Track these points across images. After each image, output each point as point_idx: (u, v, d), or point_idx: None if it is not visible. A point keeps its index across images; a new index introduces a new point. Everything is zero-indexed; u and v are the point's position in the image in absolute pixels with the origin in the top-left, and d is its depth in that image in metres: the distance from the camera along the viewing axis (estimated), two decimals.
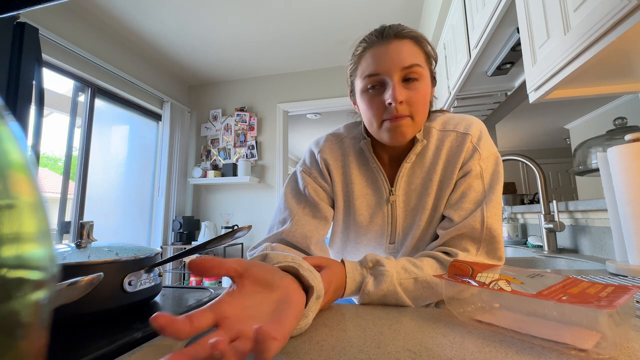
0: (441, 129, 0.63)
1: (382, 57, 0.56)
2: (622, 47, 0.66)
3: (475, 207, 0.57)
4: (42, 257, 0.14)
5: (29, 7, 0.44)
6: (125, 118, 2.93)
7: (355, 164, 0.66)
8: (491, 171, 0.59)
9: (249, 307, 0.31)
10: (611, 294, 0.31)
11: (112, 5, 2.30)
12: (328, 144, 0.68)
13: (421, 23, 2.54)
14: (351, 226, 0.67)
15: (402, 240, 0.66)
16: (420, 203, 0.63)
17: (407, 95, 0.55)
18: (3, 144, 0.13)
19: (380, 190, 0.65)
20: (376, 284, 0.49)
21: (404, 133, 0.56)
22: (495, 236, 0.56)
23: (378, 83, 0.57)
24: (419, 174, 0.63)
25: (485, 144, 0.60)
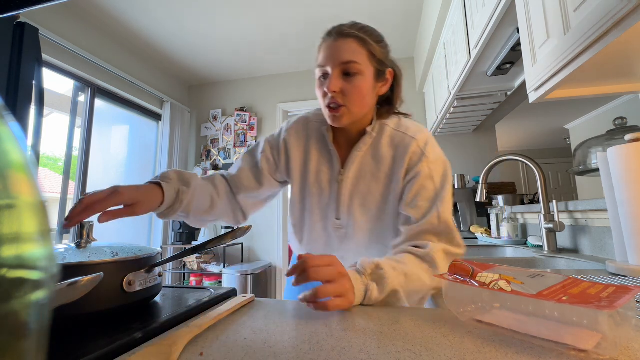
0: (395, 129, 0.72)
1: (327, 52, 0.65)
2: (622, 47, 0.66)
3: (429, 204, 0.65)
4: (42, 257, 0.14)
5: (29, 7, 0.44)
6: (125, 118, 2.93)
7: (316, 144, 0.76)
8: (441, 173, 0.67)
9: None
10: (612, 295, 0.31)
11: (112, 5, 2.30)
12: (295, 125, 0.78)
13: (421, 23, 2.54)
14: (307, 197, 0.76)
15: (348, 219, 0.72)
16: (367, 189, 0.71)
17: (343, 86, 0.64)
18: (3, 144, 0.13)
19: (333, 169, 0.74)
20: (380, 290, 0.51)
21: (339, 121, 0.67)
22: (450, 227, 0.65)
23: (324, 73, 0.66)
24: (370, 163, 0.71)
25: (432, 149, 0.68)
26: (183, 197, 0.64)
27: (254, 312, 0.48)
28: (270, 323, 0.43)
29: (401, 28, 2.63)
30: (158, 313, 0.46)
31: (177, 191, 0.64)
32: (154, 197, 0.60)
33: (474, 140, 2.76)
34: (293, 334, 0.39)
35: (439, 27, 1.99)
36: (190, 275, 3.04)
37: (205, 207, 0.71)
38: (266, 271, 3.00)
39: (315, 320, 0.43)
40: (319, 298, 0.41)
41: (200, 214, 0.70)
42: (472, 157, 2.74)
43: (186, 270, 3.07)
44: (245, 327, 0.41)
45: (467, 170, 2.67)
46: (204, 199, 0.70)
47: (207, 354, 0.34)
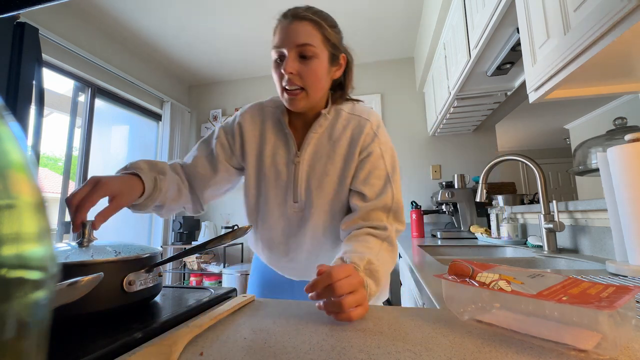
0: (350, 112, 0.74)
1: (283, 33, 0.65)
2: (622, 47, 0.66)
3: (382, 182, 0.69)
4: (42, 257, 0.14)
5: (29, 7, 0.44)
6: (125, 118, 2.93)
7: (272, 128, 0.76)
8: (390, 154, 0.72)
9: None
10: (612, 295, 0.31)
11: (112, 5, 2.30)
12: (250, 110, 0.79)
13: (421, 23, 2.54)
14: (262, 180, 0.76)
15: (306, 201, 0.73)
16: (324, 169, 0.72)
17: (299, 68, 0.65)
18: (3, 144, 0.13)
19: (290, 152, 0.74)
20: (375, 282, 0.53)
21: (297, 105, 0.68)
22: (400, 207, 0.70)
23: (280, 55, 0.66)
24: (326, 146, 0.73)
25: (382, 132, 0.73)
26: (161, 185, 0.64)
27: (254, 312, 0.48)
28: (270, 323, 0.43)
29: (401, 28, 2.63)
30: (158, 313, 0.46)
31: (155, 180, 0.63)
32: (135, 187, 0.59)
33: (474, 140, 2.76)
34: (293, 334, 0.39)
35: (439, 27, 1.99)
36: (190, 275, 3.04)
37: (175, 196, 0.71)
38: None
39: (315, 320, 0.43)
40: (343, 309, 0.41)
41: (171, 203, 0.70)
42: (472, 157, 2.74)
43: (186, 270, 3.07)
44: (245, 327, 0.41)
45: (467, 170, 2.67)
46: (173, 188, 0.70)
47: (207, 354, 0.34)
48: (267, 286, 0.87)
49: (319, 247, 0.76)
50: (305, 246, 0.76)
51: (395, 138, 2.91)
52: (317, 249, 0.77)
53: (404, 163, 2.86)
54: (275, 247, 0.79)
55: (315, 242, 0.75)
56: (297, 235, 0.76)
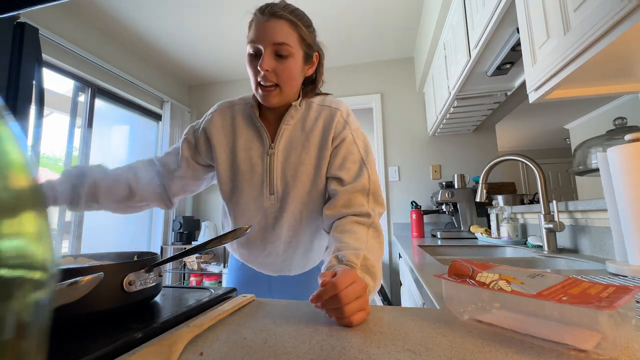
0: (320, 104, 0.77)
1: (260, 30, 0.66)
2: (622, 47, 0.66)
3: (357, 166, 0.71)
4: (42, 257, 0.14)
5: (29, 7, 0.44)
6: (125, 118, 2.93)
7: (243, 123, 0.77)
8: (362, 139, 0.75)
9: None
10: (612, 295, 0.31)
11: (112, 5, 2.30)
12: (219, 108, 0.80)
13: (421, 23, 2.54)
14: (237, 175, 0.76)
15: (282, 192, 0.74)
16: (299, 160, 0.73)
17: (275, 66, 0.66)
18: (3, 144, 0.13)
19: (264, 144, 0.75)
20: (372, 277, 0.55)
21: (270, 101, 0.69)
22: (378, 187, 0.72)
23: (256, 51, 0.67)
24: (299, 136, 0.74)
25: (352, 119, 0.76)
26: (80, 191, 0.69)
27: (254, 312, 0.48)
28: (270, 323, 0.43)
29: (401, 28, 2.63)
30: (158, 313, 0.46)
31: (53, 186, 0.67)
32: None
33: (474, 140, 2.76)
34: (293, 334, 0.39)
35: (439, 27, 1.99)
36: (190, 275, 3.04)
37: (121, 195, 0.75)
38: None
39: (315, 320, 0.43)
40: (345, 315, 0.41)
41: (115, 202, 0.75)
42: (472, 157, 2.74)
43: (186, 270, 3.07)
44: (245, 327, 0.42)
45: (467, 170, 2.67)
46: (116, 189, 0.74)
47: (207, 354, 0.34)
48: (244, 284, 0.88)
49: (297, 238, 0.77)
50: (283, 238, 0.77)
51: (395, 138, 2.91)
52: (295, 240, 0.77)
53: (404, 163, 2.86)
54: (252, 242, 0.79)
55: (293, 233, 0.77)
56: (274, 227, 0.76)
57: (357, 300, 0.43)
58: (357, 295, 0.43)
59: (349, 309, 0.42)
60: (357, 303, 0.43)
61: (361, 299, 0.44)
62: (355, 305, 0.42)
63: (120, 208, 0.77)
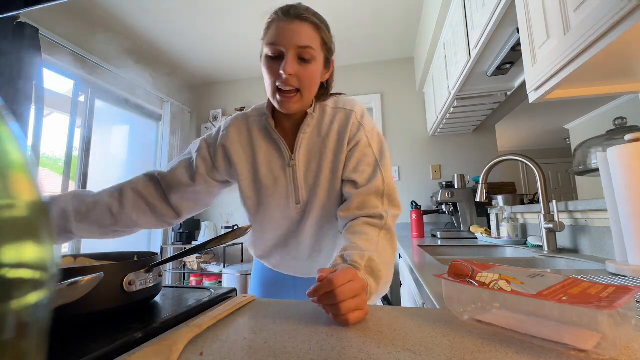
0: (334, 107, 0.76)
1: (283, 32, 0.63)
2: (622, 47, 0.66)
3: (372, 169, 0.70)
4: (42, 257, 0.14)
5: (29, 7, 0.44)
6: (125, 118, 2.93)
7: (261, 136, 0.76)
8: (377, 140, 0.74)
9: None
10: (612, 295, 0.31)
11: (113, 5, 2.30)
12: (234, 122, 0.78)
13: (421, 23, 2.54)
14: (261, 190, 0.75)
15: (307, 200, 0.74)
16: (318, 166, 0.73)
17: (298, 70, 0.64)
18: (3, 144, 0.13)
19: (283, 156, 0.74)
20: (376, 281, 0.54)
21: (290, 107, 0.67)
22: (393, 190, 0.71)
23: (277, 53, 0.64)
24: (317, 143, 0.74)
25: (367, 120, 0.74)
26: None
27: (254, 312, 0.48)
28: (270, 323, 0.43)
29: (401, 28, 2.63)
30: (158, 313, 0.46)
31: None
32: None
33: (474, 140, 2.76)
34: (293, 334, 0.39)
35: (439, 27, 1.99)
36: (190, 275, 3.04)
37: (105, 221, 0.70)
38: None
39: (315, 320, 0.43)
40: (341, 312, 0.42)
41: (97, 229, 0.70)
42: (472, 157, 2.74)
43: (186, 270, 3.07)
44: (245, 327, 0.41)
45: (467, 170, 2.67)
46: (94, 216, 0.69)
47: (207, 354, 0.34)
48: (269, 286, 0.88)
49: (319, 243, 0.78)
50: (307, 243, 0.77)
51: (395, 138, 2.91)
52: (319, 244, 0.78)
53: (404, 163, 2.86)
54: (277, 250, 0.80)
55: (316, 237, 0.77)
56: (297, 234, 0.77)
57: (354, 299, 0.43)
58: (354, 294, 0.43)
59: (345, 306, 0.42)
60: (354, 302, 0.43)
61: (358, 298, 0.44)
62: (352, 304, 0.42)
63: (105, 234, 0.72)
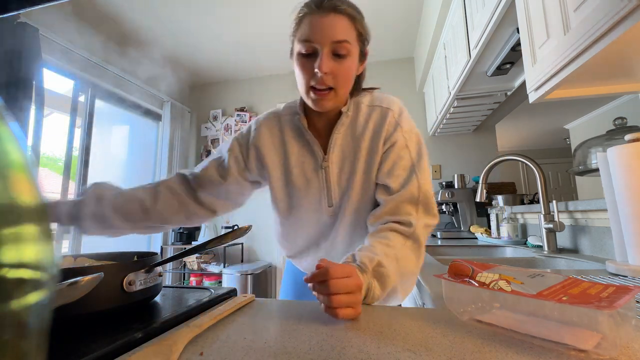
0: (369, 104, 0.71)
1: (317, 27, 0.59)
2: (622, 47, 0.66)
3: (407, 173, 0.66)
4: (42, 257, 0.14)
5: (29, 7, 0.44)
6: (125, 118, 2.93)
7: (293, 137, 0.73)
8: (415, 141, 0.68)
9: None
10: (612, 295, 0.31)
11: (112, 5, 2.30)
12: (265, 122, 0.75)
13: (421, 23, 2.54)
14: (293, 192, 0.73)
15: (340, 203, 0.71)
16: (352, 168, 0.69)
17: (333, 67, 0.60)
18: (3, 144, 0.13)
19: (315, 158, 0.71)
20: (382, 287, 0.52)
21: (325, 105, 0.63)
22: (429, 197, 0.65)
23: (311, 50, 0.60)
24: (350, 143, 0.70)
25: (405, 120, 0.69)
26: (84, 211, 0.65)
27: (254, 312, 0.48)
28: (270, 323, 0.43)
29: (401, 28, 2.63)
30: (158, 313, 0.46)
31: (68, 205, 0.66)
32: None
33: (474, 140, 2.76)
34: (293, 334, 0.39)
35: (439, 27, 1.99)
36: (190, 275, 3.04)
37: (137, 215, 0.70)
38: (266, 271, 3.00)
39: (315, 320, 0.43)
40: (332, 305, 0.42)
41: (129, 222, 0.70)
42: (472, 157, 2.74)
43: (186, 270, 3.07)
44: (245, 327, 0.41)
45: (467, 170, 2.67)
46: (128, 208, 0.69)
47: (207, 354, 0.34)
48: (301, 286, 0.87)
49: (353, 244, 0.75)
50: (338, 247, 0.75)
51: None
52: (352, 247, 0.75)
53: None
54: (308, 251, 0.79)
55: (349, 240, 0.74)
56: (329, 236, 0.74)
57: (348, 295, 0.43)
58: (347, 290, 0.43)
59: (337, 299, 0.42)
60: (346, 298, 0.43)
61: (352, 296, 0.44)
62: (344, 299, 0.42)
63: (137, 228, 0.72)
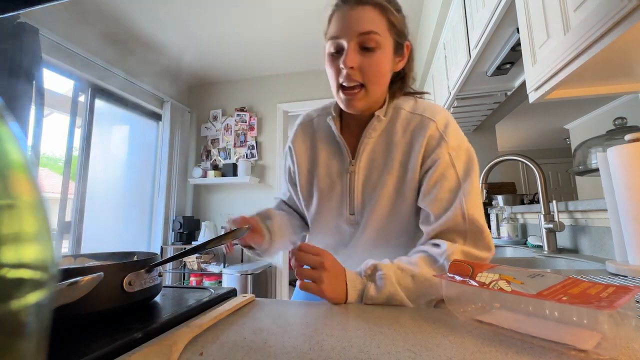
0: (411, 111, 0.63)
1: (342, 21, 0.57)
2: (622, 47, 0.66)
3: (450, 196, 0.57)
4: (42, 257, 0.14)
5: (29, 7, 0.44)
6: (125, 118, 2.93)
7: (323, 137, 0.71)
8: (464, 160, 0.58)
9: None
10: (612, 295, 0.31)
11: (112, 5, 2.30)
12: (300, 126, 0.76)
13: (421, 23, 2.54)
14: (317, 194, 0.70)
15: (362, 213, 0.66)
16: (380, 179, 0.63)
17: (361, 62, 0.56)
18: (3, 144, 0.13)
19: (343, 161, 0.68)
20: (377, 289, 0.51)
21: (355, 105, 0.60)
22: (479, 226, 0.55)
23: (338, 47, 0.58)
24: (382, 152, 0.64)
25: (453, 133, 0.60)
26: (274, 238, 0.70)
27: (254, 312, 0.48)
28: (270, 323, 0.43)
29: None
30: (158, 313, 0.46)
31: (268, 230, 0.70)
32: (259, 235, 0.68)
33: (474, 140, 2.76)
34: (293, 334, 0.39)
35: (439, 27, 1.99)
36: (190, 275, 3.04)
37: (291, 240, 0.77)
38: (266, 271, 3.00)
39: (315, 320, 0.43)
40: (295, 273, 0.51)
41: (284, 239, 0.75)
42: None
43: (186, 270, 3.07)
44: (245, 327, 0.41)
45: None
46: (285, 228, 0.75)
47: (207, 354, 0.34)
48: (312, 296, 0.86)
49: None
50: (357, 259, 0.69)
51: None
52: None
53: None
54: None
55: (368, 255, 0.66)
56: (347, 245, 0.70)
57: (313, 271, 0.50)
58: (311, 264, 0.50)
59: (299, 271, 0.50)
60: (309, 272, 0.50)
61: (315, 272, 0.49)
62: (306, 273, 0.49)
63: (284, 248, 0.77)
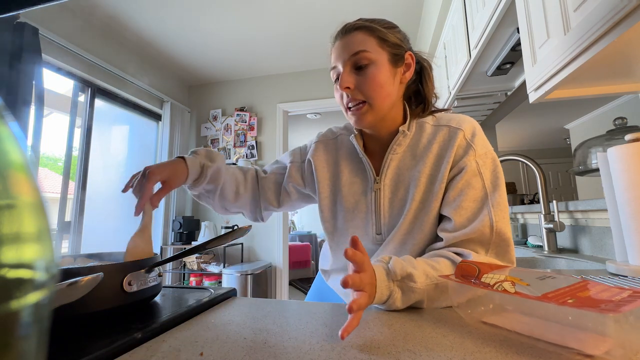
0: (435, 124, 0.64)
1: (336, 51, 0.62)
2: (622, 47, 0.66)
3: (477, 206, 0.55)
4: (42, 257, 0.14)
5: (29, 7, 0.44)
6: (125, 118, 2.92)
7: (347, 155, 0.71)
8: (491, 169, 0.58)
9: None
10: (625, 299, 0.29)
11: (112, 5, 2.30)
12: (323, 139, 0.76)
13: (421, 23, 2.54)
14: (339, 212, 0.70)
15: (389, 230, 0.64)
16: (408, 195, 0.62)
17: (356, 80, 0.59)
18: (3, 144, 0.13)
19: (367, 179, 0.67)
20: (404, 300, 0.46)
21: (363, 120, 0.61)
22: (505, 239, 0.54)
23: (338, 74, 0.62)
24: (409, 166, 0.63)
25: (480, 141, 0.59)
26: (207, 172, 0.68)
27: (254, 312, 0.48)
28: (270, 323, 0.43)
29: (401, 28, 2.62)
30: (158, 313, 0.46)
31: (202, 165, 0.68)
32: (181, 171, 0.65)
33: None
34: (293, 334, 0.38)
35: (439, 27, 1.99)
36: (190, 275, 3.04)
37: (231, 195, 0.74)
38: (266, 271, 2.99)
39: (315, 320, 0.43)
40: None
41: (224, 199, 0.74)
42: None
43: (186, 270, 3.07)
44: (245, 327, 0.41)
45: None
46: (229, 186, 0.74)
47: (207, 354, 0.34)
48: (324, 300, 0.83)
49: None
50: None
51: None
52: None
53: None
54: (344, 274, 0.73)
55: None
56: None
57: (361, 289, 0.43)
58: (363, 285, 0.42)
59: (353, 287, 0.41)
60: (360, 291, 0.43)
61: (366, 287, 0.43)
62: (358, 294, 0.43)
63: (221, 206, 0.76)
